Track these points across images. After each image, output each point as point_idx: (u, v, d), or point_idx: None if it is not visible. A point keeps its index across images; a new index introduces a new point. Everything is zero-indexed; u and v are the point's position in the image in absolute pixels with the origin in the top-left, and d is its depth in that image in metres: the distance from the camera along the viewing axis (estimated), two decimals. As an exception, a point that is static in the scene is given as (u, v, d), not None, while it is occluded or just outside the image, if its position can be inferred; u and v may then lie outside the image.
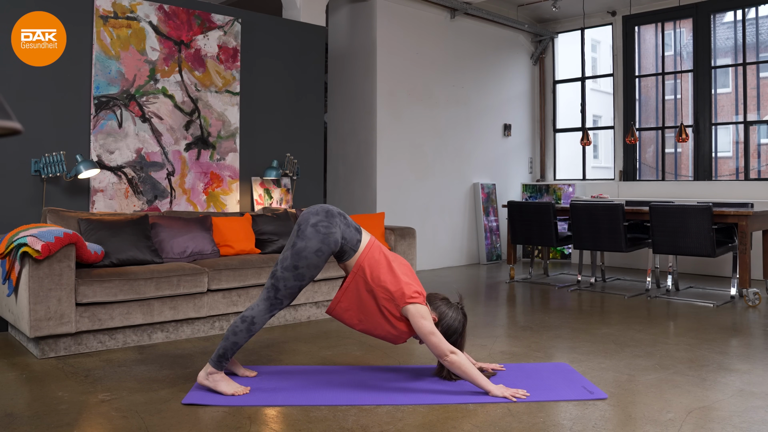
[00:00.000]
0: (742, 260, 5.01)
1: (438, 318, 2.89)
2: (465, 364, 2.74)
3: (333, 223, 2.79)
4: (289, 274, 2.75)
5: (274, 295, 2.78)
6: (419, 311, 2.76)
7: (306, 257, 2.74)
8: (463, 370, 2.73)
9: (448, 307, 2.94)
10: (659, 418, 2.51)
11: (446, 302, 2.96)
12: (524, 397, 2.71)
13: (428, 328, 2.74)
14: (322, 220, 2.78)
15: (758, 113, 7.35)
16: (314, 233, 2.75)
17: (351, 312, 2.85)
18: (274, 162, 5.44)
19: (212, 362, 2.79)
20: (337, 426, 2.42)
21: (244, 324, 2.78)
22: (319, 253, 2.74)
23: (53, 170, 4.25)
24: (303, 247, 2.74)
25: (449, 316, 2.91)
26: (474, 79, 7.74)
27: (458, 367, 2.72)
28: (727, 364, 3.32)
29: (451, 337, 2.90)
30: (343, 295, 2.84)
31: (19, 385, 2.96)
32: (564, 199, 7.96)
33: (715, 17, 7.32)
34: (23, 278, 3.34)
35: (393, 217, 6.60)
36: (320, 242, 2.74)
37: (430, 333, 2.74)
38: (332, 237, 2.76)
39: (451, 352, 2.73)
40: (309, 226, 2.76)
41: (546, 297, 5.48)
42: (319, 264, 2.77)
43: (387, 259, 2.86)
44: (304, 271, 2.75)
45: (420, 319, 2.75)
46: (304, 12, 5.96)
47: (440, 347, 2.73)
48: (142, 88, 4.78)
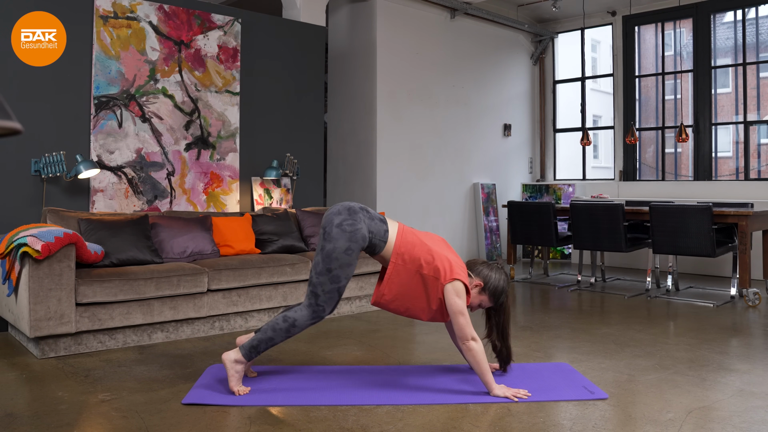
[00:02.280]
0: (742, 260, 5.01)
1: (483, 282, 2.89)
2: (481, 354, 2.74)
3: (357, 219, 2.78)
4: (324, 278, 2.74)
5: (315, 301, 2.77)
6: (455, 288, 2.75)
7: (337, 258, 2.73)
8: (477, 360, 2.73)
9: (490, 269, 2.94)
10: (659, 418, 2.51)
11: (487, 265, 2.96)
12: (525, 397, 2.71)
13: (460, 307, 2.74)
14: (346, 218, 2.77)
15: (758, 113, 7.35)
16: (340, 233, 2.74)
17: (397, 301, 2.85)
18: (274, 162, 5.44)
19: (243, 350, 2.79)
20: (337, 426, 2.42)
21: (285, 323, 2.78)
22: (349, 251, 2.73)
23: (53, 170, 4.25)
24: (332, 249, 2.73)
25: (493, 278, 2.91)
26: (474, 79, 7.74)
27: (474, 355, 2.73)
28: (727, 364, 3.32)
29: (500, 297, 2.92)
30: (387, 286, 2.83)
31: (19, 385, 2.96)
32: (564, 199, 7.96)
33: (715, 17, 7.32)
34: (23, 278, 3.34)
35: (393, 217, 6.60)
36: (348, 240, 2.73)
37: (460, 312, 2.74)
38: (359, 233, 2.76)
39: (473, 339, 2.73)
40: (334, 227, 2.75)
41: (546, 297, 5.48)
42: (352, 262, 2.76)
43: (420, 239, 2.86)
44: (338, 272, 2.74)
45: (454, 296, 2.74)
46: (304, 12, 5.96)
47: (465, 330, 2.73)
48: (142, 88, 4.78)
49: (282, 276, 4.29)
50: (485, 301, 2.93)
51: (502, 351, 2.99)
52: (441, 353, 3.54)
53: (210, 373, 3.09)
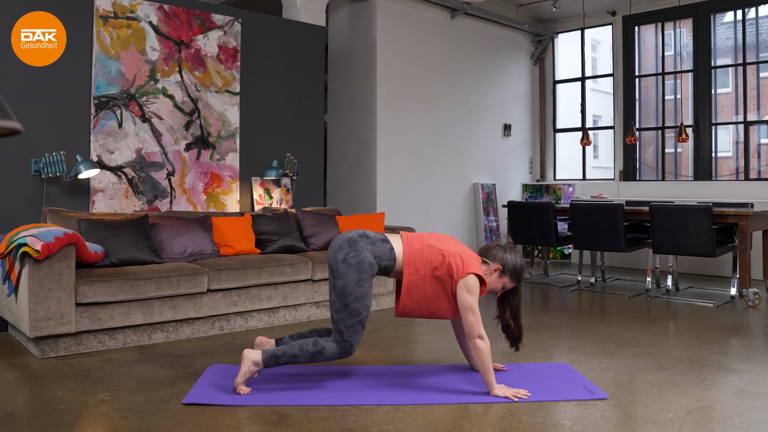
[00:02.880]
0: (742, 260, 5.01)
1: (501, 265, 2.90)
2: (487, 353, 2.75)
3: (359, 249, 2.78)
4: (344, 314, 2.74)
5: (341, 338, 2.77)
6: (467, 284, 2.76)
7: (351, 292, 2.73)
8: (482, 358, 2.74)
9: (504, 251, 2.95)
10: (659, 418, 2.51)
11: (501, 248, 2.97)
12: (525, 397, 2.72)
13: (470, 303, 2.75)
14: (349, 251, 2.77)
15: (758, 113, 7.35)
16: (347, 267, 2.74)
17: (421, 308, 2.87)
18: (274, 162, 5.44)
19: (264, 355, 2.79)
20: (337, 426, 2.42)
21: (313, 348, 2.77)
22: (360, 282, 2.74)
23: (53, 170, 4.25)
24: (344, 285, 2.73)
25: (510, 259, 2.92)
26: (474, 79, 7.74)
27: (480, 353, 2.73)
28: (727, 364, 3.32)
29: (521, 275, 2.94)
30: (407, 297, 2.85)
31: (19, 385, 2.96)
32: (564, 199, 7.96)
33: (715, 17, 7.32)
34: (23, 278, 3.34)
35: (393, 217, 6.59)
36: (356, 272, 2.74)
37: (470, 309, 2.75)
38: (365, 261, 2.76)
39: (480, 337, 2.74)
40: (340, 264, 2.76)
41: (546, 297, 5.48)
42: (366, 292, 2.76)
43: (427, 243, 2.88)
44: (355, 305, 2.74)
45: (465, 293, 2.76)
46: (304, 12, 5.96)
47: (473, 327, 2.74)
48: (142, 88, 4.78)
49: (282, 276, 4.29)
50: (507, 282, 2.95)
51: (515, 330, 2.99)
52: (441, 353, 3.54)
53: (210, 373, 3.09)
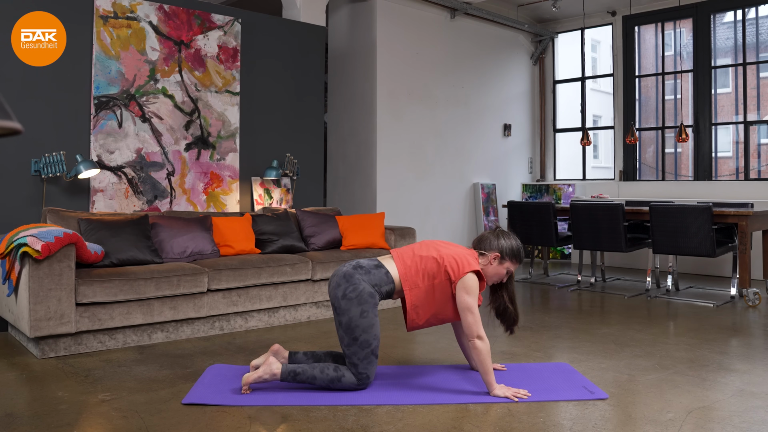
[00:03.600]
0: (742, 260, 5.01)
1: (499, 252, 2.92)
2: (486, 353, 2.75)
3: (356, 281, 2.78)
4: (355, 348, 2.75)
5: (356, 371, 2.77)
6: (465, 285, 2.77)
7: (357, 325, 2.73)
8: (481, 359, 2.74)
9: (498, 237, 2.96)
10: (659, 418, 2.51)
11: (494, 234, 2.98)
12: (525, 397, 2.72)
13: (468, 304, 2.76)
14: (347, 286, 2.78)
15: (758, 113, 7.34)
16: (348, 302, 2.75)
17: (431, 319, 2.90)
18: (274, 162, 5.44)
19: (284, 368, 2.80)
20: (337, 426, 2.42)
21: (334, 373, 2.77)
22: (364, 314, 2.74)
23: (53, 170, 4.25)
24: (348, 320, 2.74)
25: (505, 244, 2.94)
26: (474, 79, 7.74)
27: (479, 353, 2.74)
28: (727, 364, 3.32)
29: (521, 256, 2.96)
30: (414, 314, 2.87)
31: (19, 385, 2.96)
32: (564, 199, 7.96)
33: (715, 17, 7.32)
34: (23, 278, 3.34)
35: (393, 217, 6.59)
36: (358, 305, 2.74)
37: (468, 310, 2.76)
38: (364, 293, 2.76)
39: (479, 337, 2.74)
40: (340, 300, 2.77)
41: (546, 297, 5.48)
42: (373, 321, 2.76)
43: (418, 254, 2.88)
44: (364, 337, 2.74)
45: (464, 293, 2.77)
46: (304, 12, 5.96)
47: (473, 328, 2.75)
48: (142, 88, 4.78)
49: (282, 276, 4.29)
50: (510, 266, 2.96)
51: (512, 313, 3.00)
52: (441, 353, 3.54)
53: (210, 373, 3.09)
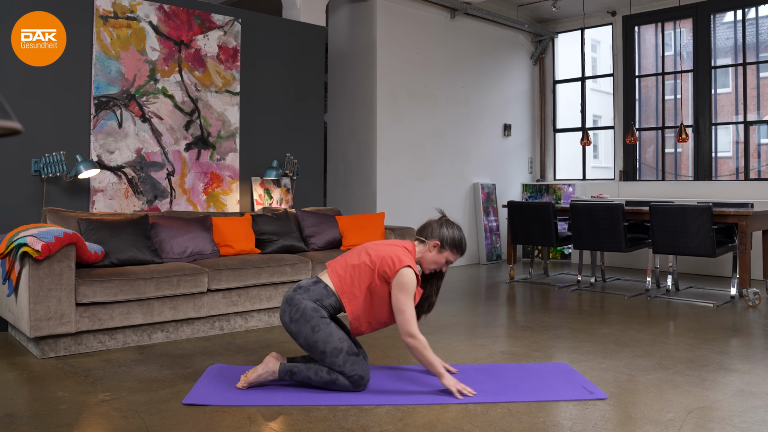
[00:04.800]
0: (742, 260, 5.01)
1: (440, 241, 2.93)
2: (422, 349, 2.74)
3: (297, 301, 2.80)
4: (329, 359, 2.75)
5: (346, 375, 2.76)
6: (399, 283, 2.76)
7: (316, 341, 2.74)
8: (418, 356, 2.76)
9: (441, 226, 2.97)
10: (659, 418, 2.51)
11: (438, 224, 2.98)
12: (470, 395, 2.72)
13: (400, 303, 2.75)
14: (291, 310, 2.80)
15: (758, 113, 7.35)
16: (297, 325, 2.77)
17: (373, 324, 2.90)
18: (274, 162, 5.44)
19: (282, 367, 2.82)
20: (337, 426, 2.42)
21: (328, 377, 2.77)
22: (316, 328, 2.75)
23: (53, 170, 4.25)
24: (305, 339, 2.76)
25: (447, 233, 2.95)
26: (474, 79, 7.74)
27: (414, 351, 2.76)
28: (727, 364, 3.32)
29: (462, 246, 2.97)
30: (357, 323, 2.87)
31: (19, 385, 2.96)
32: (564, 199, 7.96)
33: (715, 17, 7.32)
34: (23, 278, 3.34)
35: (393, 217, 6.60)
36: (306, 322, 2.76)
37: (400, 310, 2.76)
38: (307, 309, 2.78)
39: (411, 336, 2.73)
40: (290, 324, 2.80)
41: (546, 297, 5.48)
42: (328, 330, 2.75)
43: (351, 263, 2.88)
44: (329, 347, 2.74)
45: (397, 292, 2.77)
46: (304, 12, 5.96)
47: (404, 326, 2.75)
48: (142, 88, 4.78)
49: (282, 276, 4.29)
50: (449, 255, 2.97)
51: (430, 306, 3.03)
52: (441, 353, 3.54)
53: (210, 373, 3.09)
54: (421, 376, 3.06)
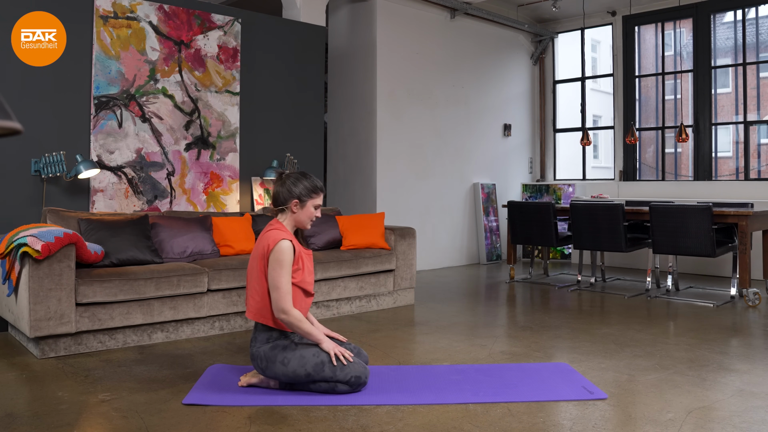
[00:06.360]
0: (742, 260, 5.01)
1: (297, 198, 2.87)
2: (297, 322, 2.74)
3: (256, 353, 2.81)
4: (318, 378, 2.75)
5: (343, 381, 2.75)
6: (275, 256, 2.76)
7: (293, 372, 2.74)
8: (295, 329, 2.76)
9: (283, 184, 2.89)
10: (659, 418, 2.51)
11: (280, 184, 2.91)
12: (351, 359, 2.75)
13: (276, 279, 2.75)
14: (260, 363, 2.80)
15: (758, 113, 7.35)
16: (271, 370, 2.77)
17: None
18: (274, 162, 5.44)
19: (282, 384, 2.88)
20: (337, 426, 2.42)
21: (327, 385, 2.77)
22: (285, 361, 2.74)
23: (53, 170, 4.25)
24: (285, 376, 2.77)
25: (295, 188, 2.87)
26: (474, 79, 7.74)
27: (291, 325, 2.76)
28: (727, 364, 3.32)
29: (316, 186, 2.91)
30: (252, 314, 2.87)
31: (19, 385, 2.96)
32: (564, 199, 7.96)
33: (715, 17, 7.32)
34: (23, 278, 3.34)
35: (393, 217, 6.60)
36: (274, 363, 2.76)
37: (275, 287, 2.75)
38: (267, 354, 2.78)
39: (284, 312, 2.73)
40: (266, 372, 2.80)
41: (546, 297, 5.48)
42: (299, 355, 2.74)
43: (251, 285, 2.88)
44: (308, 369, 2.73)
45: (274, 267, 2.76)
46: (304, 12, 5.96)
47: (278, 303, 2.74)
48: (142, 88, 4.78)
49: (282, 276, 4.28)
50: (313, 201, 2.90)
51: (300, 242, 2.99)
52: (441, 353, 3.54)
53: (210, 373, 3.09)
54: (421, 376, 3.06)
